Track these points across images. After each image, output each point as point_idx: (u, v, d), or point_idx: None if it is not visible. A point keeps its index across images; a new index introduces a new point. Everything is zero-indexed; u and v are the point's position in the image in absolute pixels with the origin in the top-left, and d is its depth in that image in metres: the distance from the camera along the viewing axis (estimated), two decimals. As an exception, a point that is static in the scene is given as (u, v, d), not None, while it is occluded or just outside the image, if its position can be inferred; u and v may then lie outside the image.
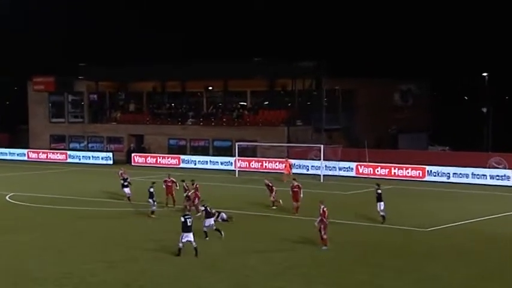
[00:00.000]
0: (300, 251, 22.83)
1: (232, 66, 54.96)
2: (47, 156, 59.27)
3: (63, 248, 22.82)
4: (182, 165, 52.57)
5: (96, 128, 62.04)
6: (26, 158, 59.32)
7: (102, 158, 56.94)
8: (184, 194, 29.63)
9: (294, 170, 44.21)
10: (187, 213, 22.75)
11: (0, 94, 65.22)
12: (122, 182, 32.74)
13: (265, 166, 48.55)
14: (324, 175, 44.17)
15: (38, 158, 59.12)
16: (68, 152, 59.26)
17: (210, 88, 60.28)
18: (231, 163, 49.81)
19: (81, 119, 63.99)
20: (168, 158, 54.47)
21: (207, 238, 23.80)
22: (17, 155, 60.09)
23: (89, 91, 63.26)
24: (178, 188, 31.66)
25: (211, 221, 24.04)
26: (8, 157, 59.70)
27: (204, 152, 55.43)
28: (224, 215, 27.75)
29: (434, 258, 21.99)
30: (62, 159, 58.12)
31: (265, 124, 54.01)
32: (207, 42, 73.49)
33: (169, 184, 31.60)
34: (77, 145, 62.60)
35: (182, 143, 57.95)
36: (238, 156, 48.72)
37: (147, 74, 59.71)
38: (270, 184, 31.71)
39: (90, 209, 31.03)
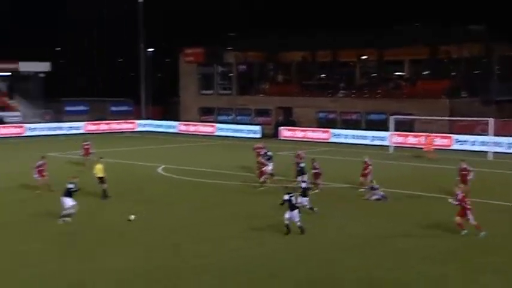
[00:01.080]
0: (457, 235, 19.65)
1: (388, 33, 51.32)
2: (196, 128, 59.79)
3: (213, 223, 21.46)
4: (332, 139, 50.06)
5: (244, 100, 61.40)
6: (177, 131, 60.36)
7: (249, 132, 56.18)
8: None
9: (457, 147, 40.87)
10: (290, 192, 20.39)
11: (152, 67, 66.93)
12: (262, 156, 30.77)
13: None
14: (493, 152, 39.50)
15: (188, 130, 59.76)
16: (217, 125, 59.25)
17: (364, 57, 56.85)
18: (385, 138, 46.35)
19: (230, 91, 63.82)
20: (317, 131, 52.24)
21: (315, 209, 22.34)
22: (169, 127, 61.40)
23: (237, 62, 62.86)
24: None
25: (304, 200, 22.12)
26: (162, 129, 61.16)
27: (355, 125, 52.48)
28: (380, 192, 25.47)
29: None
30: (210, 132, 58.23)
31: (425, 96, 49.72)
32: (359, 8, 69.44)
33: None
34: (225, 117, 62.60)
35: (332, 116, 55.49)
36: (394, 130, 45.18)
37: (297, 43, 57.58)
38: (369, 162, 28.38)
39: (235, 183, 29.70)
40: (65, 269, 16.27)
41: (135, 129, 61.76)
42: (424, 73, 53.50)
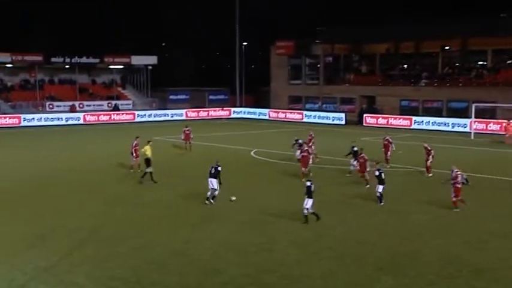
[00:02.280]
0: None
1: (472, 24, 48.54)
2: (285, 115, 59.78)
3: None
4: (414, 126, 48.53)
5: (330, 90, 60.73)
6: (267, 117, 60.62)
7: (335, 119, 55.54)
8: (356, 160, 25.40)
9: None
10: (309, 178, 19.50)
11: (246, 59, 67.43)
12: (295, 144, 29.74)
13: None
14: None
15: (278, 117, 59.88)
16: (304, 112, 58.99)
17: (447, 48, 54.39)
18: (466, 125, 44.27)
19: (317, 81, 63.32)
20: (399, 119, 50.81)
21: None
22: (260, 114, 61.78)
23: (324, 54, 62.18)
24: (394, 148, 28.94)
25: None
26: (254, 116, 61.64)
27: (437, 113, 50.52)
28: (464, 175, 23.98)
29: None
30: (298, 119, 58.06)
31: (508, 84, 47.01)
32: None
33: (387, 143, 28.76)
34: (312, 105, 62.22)
35: (414, 104, 53.80)
36: (475, 117, 43.04)
37: (381, 35, 55.99)
38: (429, 148, 26.72)
39: (321, 166, 29.45)
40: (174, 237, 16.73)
41: (230, 116, 62.63)
42: (508, 62, 50.39)
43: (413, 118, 49.61)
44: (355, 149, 26.08)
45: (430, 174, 26.21)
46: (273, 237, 16.90)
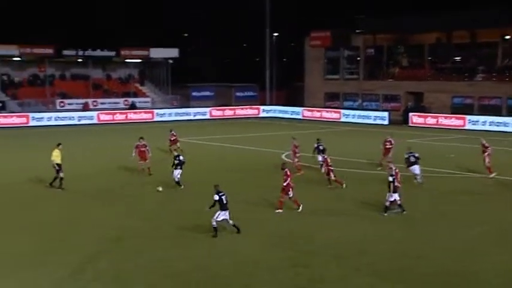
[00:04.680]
0: None
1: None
2: (320, 114, 59.39)
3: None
4: (468, 126, 47.73)
5: (371, 85, 60.16)
6: (300, 117, 60.36)
7: (376, 118, 54.94)
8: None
9: None
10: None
11: (277, 51, 67.30)
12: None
13: None
14: None
15: (312, 116, 59.55)
16: (342, 111, 58.53)
17: (507, 37, 53.33)
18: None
19: (357, 76, 62.78)
20: (451, 118, 50.07)
21: None
22: (293, 113, 61.50)
23: (365, 45, 61.64)
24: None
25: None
26: (286, 115, 61.35)
27: (495, 111, 49.59)
28: None
29: None
30: (335, 118, 57.62)
31: None
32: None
33: None
34: (351, 103, 61.70)
35: (468, 101, 52.99)
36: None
37: (431, 23, 55.19)
38: (486, 145, 26.23)
39: (361, 171, 29.13)
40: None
41: (259, 115, 62.54)
42: None
43: (467, 117, 48.86)
44: (321, 147, 27.61)
45: (492, 175, 25.73)
46: (308, 251, 16.69)
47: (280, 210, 20.60)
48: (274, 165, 31.15)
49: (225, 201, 17.75)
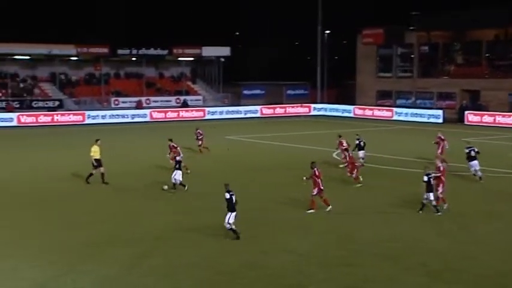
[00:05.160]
0: None
1: None
2: (372, 113, 58.79)
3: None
4: (527, 125, 46.45)
5: (425, 83, 59.23)
6: (352, 115, 59.87)
7: (430, 116, 54.02)
8: None
9: None
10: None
11: (328, 49, 66.96)
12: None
13: None
14: None
15: (364, 114, 59.01)
16: (394, 109, 57.78)
17: None
18: None
19: (410, 74, 61.90)
20: (509, 116, 48.79)
21: None
22: (344, 111, 61.07)
23: (419, 42, 60.71)
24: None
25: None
26: (337, 113, 60.94)
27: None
28: None
29: None
30: (388, 117, 56.94)
31: None
32: None
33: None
34: (404, 101, 60.87)
35: (528, 99, 51.58)
36: None
37: (488, 19, 53.89)
38: None
39: (414, 171, 28.72)
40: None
41: (310, 113, 62.34)
42: None
43: (527, 116, 47.53)
44: (362, 143, 28.59)
45: None
46: (358, 250, 16.62)
47: (312, 210, 20.47)
48: (324, 163, 31.13)
49: (234, 201, 17.41)
